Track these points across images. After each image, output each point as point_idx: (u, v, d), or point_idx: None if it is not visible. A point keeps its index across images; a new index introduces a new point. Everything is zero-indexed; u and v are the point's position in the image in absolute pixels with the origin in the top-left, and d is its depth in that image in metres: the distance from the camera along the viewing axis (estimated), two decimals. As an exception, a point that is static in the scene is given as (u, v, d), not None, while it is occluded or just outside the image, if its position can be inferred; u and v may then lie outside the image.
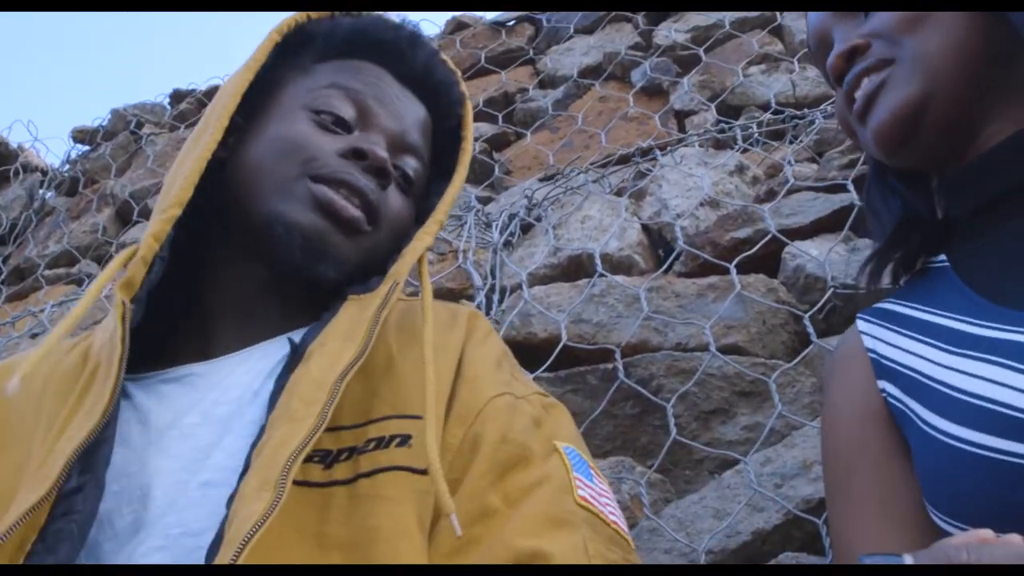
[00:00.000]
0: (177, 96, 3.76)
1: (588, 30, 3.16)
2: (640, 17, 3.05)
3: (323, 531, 0.79)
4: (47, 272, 3.21)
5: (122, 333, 0.86)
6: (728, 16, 2.86)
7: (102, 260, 3.20)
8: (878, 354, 0.95)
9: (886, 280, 1.08)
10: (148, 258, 0.91)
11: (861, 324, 1.01)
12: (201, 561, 0.74)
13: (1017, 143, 0.90)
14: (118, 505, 0.82)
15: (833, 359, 1.06)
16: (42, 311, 2.26)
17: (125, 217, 3.31)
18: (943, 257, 0.99)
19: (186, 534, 0.79)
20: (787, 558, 1.23)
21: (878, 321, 0.99)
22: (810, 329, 1.48)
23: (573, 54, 3.06)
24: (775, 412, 1.38)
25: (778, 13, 2.78)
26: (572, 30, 3.15)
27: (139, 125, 3.70)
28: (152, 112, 3.74)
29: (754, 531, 1.27)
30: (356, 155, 0.97)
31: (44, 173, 3.89)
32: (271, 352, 0.96)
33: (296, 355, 0.90)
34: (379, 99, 1.04)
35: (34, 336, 2.31)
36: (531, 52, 3.22)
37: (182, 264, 0.98)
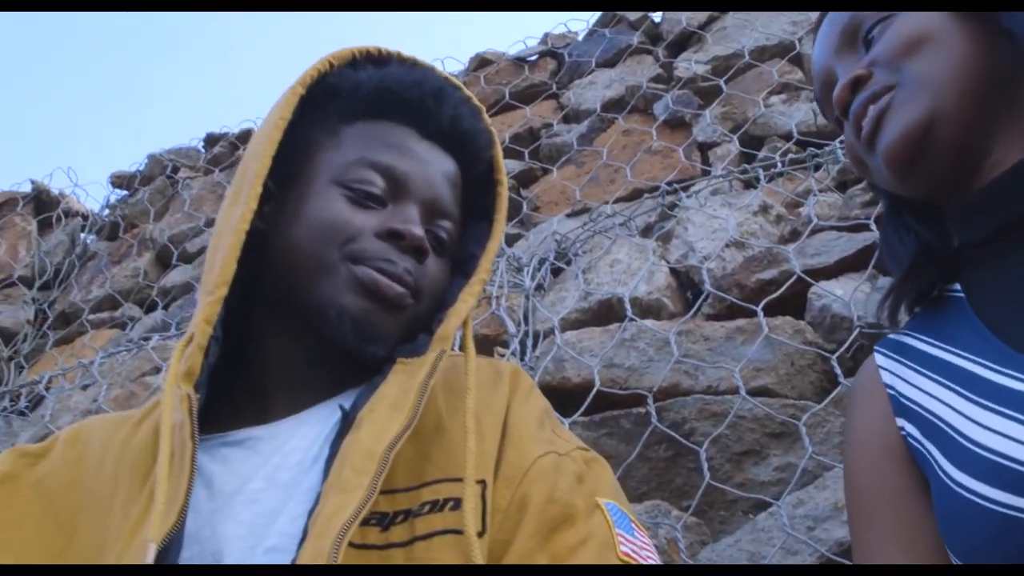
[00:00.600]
0: (211, 140, 3.85)
1: (610, 63, 3.20)
2: (660, 49, 3.09)
3: None
4: (91, 316, 3.30)
5: (191, 429, 0.89)
6: (747, 45, 2.89)
7: (144, 303, 3.28)
8: (896, 391, 0.96)
9: (904, 315, 1.10)
10: (204, 344, 0.94)
11: (879, 358, 1.02)
12: None
13: (1020, 172, 0.90)
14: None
15: (852, 393, 1.07)
16: (92, 363, 2.33)
17: (165, 261, 3.40)
18: (958, 286, 0.99)
19: None
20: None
21: (896, 356, 0.99)
22: (838, 370, 1.51)
23: (596, 87, 3.10)
24: (806, 454, 1.42)
25: (797, 41, 2.81)
26: (594, 64, 3.19)
27: (175, 170, 3.79)
28: (187, 156, 3.83)
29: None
30: (393, 236, 1.00)
31: (85, 218, 3.99)
32: (325, 416, 0.99)
33: (347, 421, 0.94)
34: (409, 168, 1.05)
35: (85, 388, 2.38)
36: (554, 86, 3.26)
37: (231, 332, 1.00)
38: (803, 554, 1.32)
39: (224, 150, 3.73)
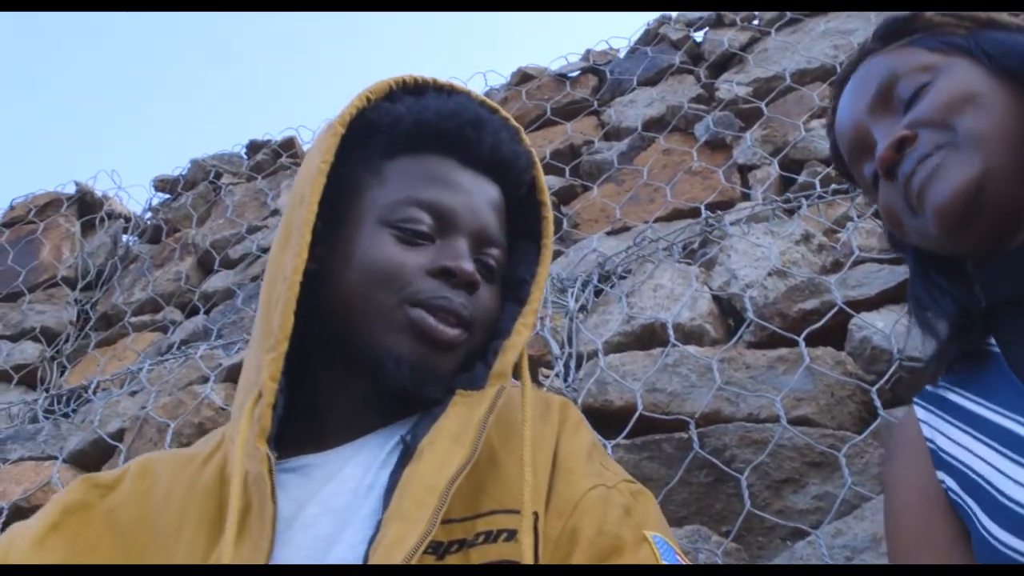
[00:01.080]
0: (253, 147, 3.91)
1: (651, 82, 3.23)
2: (702, 70, 3.12)
3: None
4: (133, 319, 3.37)
5: (272, 489, 0.92)
6: (788, 68, 2.92)
7: (185, 307, 3.34)
8: (936, 445, 0.99)
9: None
10: (272, 401, 0.97)
11: (919, 411, 1.04)
12: None
13: None
14: None
15: (893, 442, 1.10)
16: (140, 369, 2.39)
17: (207, 266, 3.46)
18: (992, 340, 1.01)
19: None
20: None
21: (936, 411, 1.02)
22: (877, 402, 1.54)
23: (636, 106, 3.14)
24: (845, 485, 1.45)
25: (838, 65, 2.83)
26: (635, 82, 3.23)
27: (217, 175, 3.86)
28: (230, 162, 3.90)
29: (829, 606, 1.34)
30: (445, 274, 1.02)
31: (127, 220, 4.07)
32: (379, 445, 1.03)
33: (407, 451, 0.97)
34: (454, 202, 1.06)
35: (133, 394, 2.44)
36: (595, 103, 3.30)
37: (287, 371, 1.02)
38: (840, 584, 1.35)
39: (267, 157, 3.79)
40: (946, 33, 1.02)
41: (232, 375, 2.25)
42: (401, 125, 1.08)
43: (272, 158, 3.78)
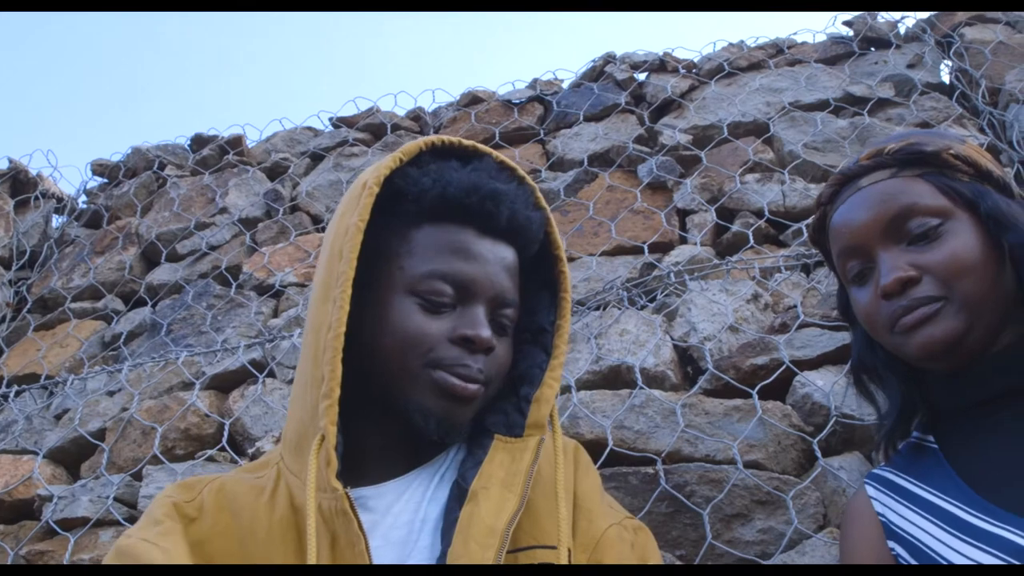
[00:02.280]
0: (198, 140, 3.95)
1: (596, 117, 3.43)
2: (645, 112, 3.35)
3: None
4: (73, 305, 3.39)
5: (359, 523, 1.04)
6: (725, 119, 3.17)
7: (128, 298, 3.38)
8: (887, 519, 1.23)
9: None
10: (335, 442, 1.08)
11: (870, 490, 1.29)
12: None
13: (1003, 358, 1.18)
14: None
15: (848, 514, 1.34)
16: (119, 370, 2.48)
17: (151, 258, 3.49)
18: (932, 438, 1.27)
19: None
20: (804, 653, 1.55)
21: (885, 491, 1.27)
22: (817, 452, 1.81)
23: (581, 139, 3.34)
24: (792, 524, 1.70)
25: (770, 122, 3.10)
26: (581, 116, 3.43)
27: (161, 166, 3.88)
28: (174, 154, 3.92)
29: (776, 628, 1.59)
30: (465, 342, 1.15)
31: (59, 201, 4.05)
32: (424, 482, 1.20)
33: (461, 492, 1.14)
34: (474, 273, 1.18)
35: (111, 394, 2.52)
36: (541, 132, 3.49)
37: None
38: (788, 610, 1.60)
39: (213, 153, 3.84)
40: (953, 177, 1.23)
41: (216, 384, 2.37)
42: (427, 197, 1.19)
43: (218, 154, 3.83)
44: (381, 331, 1.16)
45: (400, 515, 1.16)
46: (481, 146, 1.30)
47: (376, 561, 1.08)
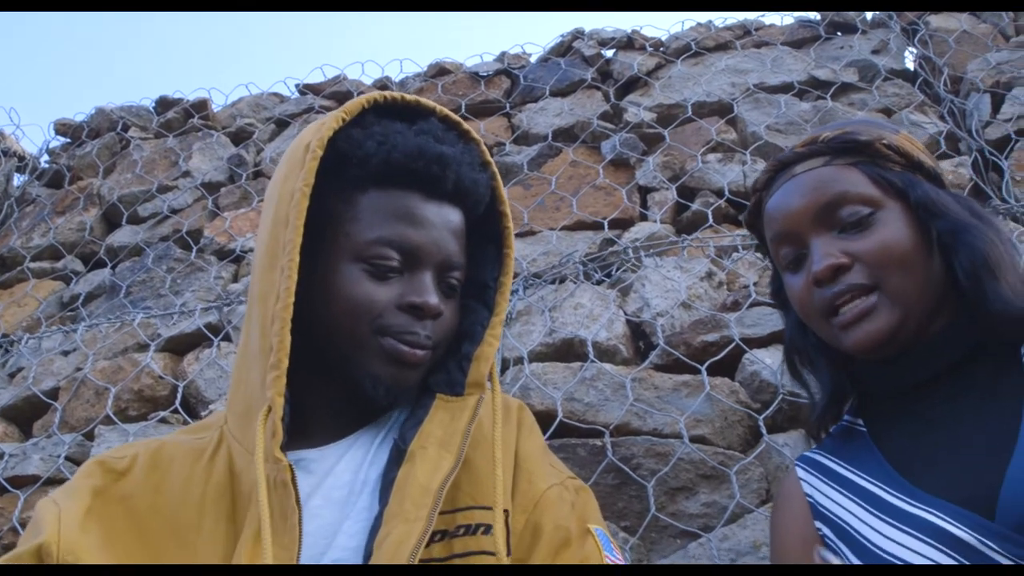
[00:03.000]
0: (163, 103, 3.91)
1: (562, 93, 3.43)
2: (611, 89, 3.36)
3: None
4: (32, 265, 3.36)
5: (296, 496, 1.04)
6: (690, 99, 3.18)
7: (88, 259, 3.36)
8: (815, 500, 1.26)
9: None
10: (282, 414, 1.07)
11: (800, 472, 1.32)
12: None
13: (932, 345, 1.21)
14: None
15: (778, 496, 1.37)
16: (75, 330, 2.47)
17: (112, 219, 3.47)
18: (861, 422, 1.30)
19: None
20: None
21: (814, 472, 1.30)
22: (763, 428, 1.84)
23: (546, 114, 3.34)
24: (735, 498, 1.73)
25: (734, 103, 3.12)
26: (547, 91, 3.43)
27: (125, 127, 3.84)
28: (138, 116, 3.89)
29: (716, 599, 1.63)
30: (413, 309, 1.15)
31: (21, 159, 4.01)
32: (366, 443, 1.20)
33: (399, 452, 1.15)
34: (420, 238, 1.17)
35: (66, 354, 2.51)
36: (507, 106, 3.49)
37: None
38: (726, 581, 1.64)
39: (177, 116, 3.81)
40: (885, 167, 1.26)
41: (171, 346, 2.37)
42: (371, 162, 1.17)
43: (183, 117, 3.80)
44: (328, 298, 1.16)
45: (341, 475, 1.16)
46: (425, 102, 1.27)
47: (316, 521, 1.09)
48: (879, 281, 1.19)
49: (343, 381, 1.18)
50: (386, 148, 1.17)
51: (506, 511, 1.15)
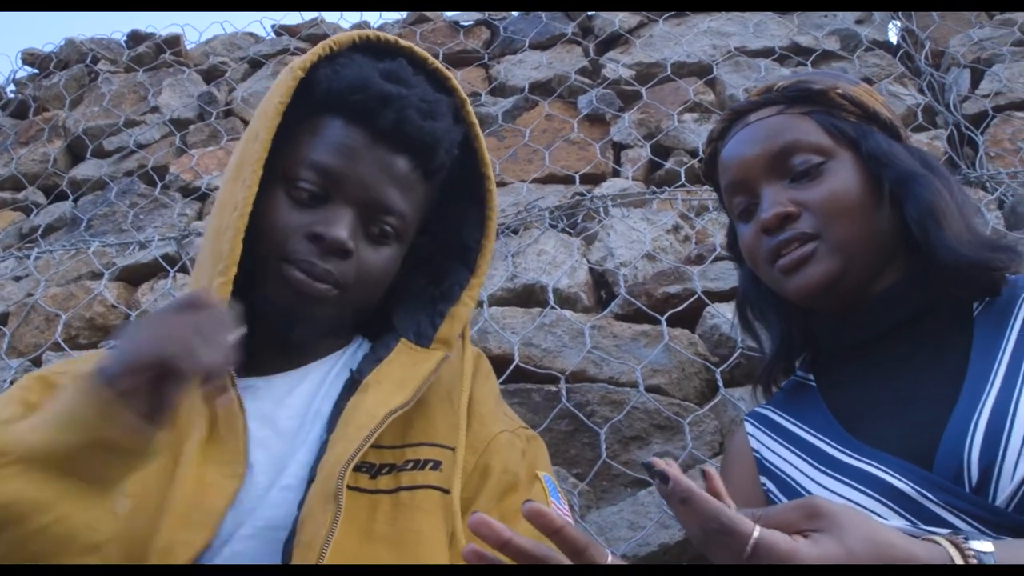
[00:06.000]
0: (135, 37, 3.84)
1: (542, 46, 3.39)
2: (591, 44, 3.32)
3: (371, 528, 1.02)
4: (-8, 194, 3.30)
5: (240, 402, 1.04)
6: (670, 58, 3.15)
7: (50, 191, 3.30)
8: (761, 456, 1.26)
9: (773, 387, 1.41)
10: None
11: (748, 427, 1.32)
12: (280, 549, 0.98)
13: (882, 299, 1.20)
14: None
15: (727, 450, 1.38)
16: (27, 256, 2.41)
17: (77, 152, 3.40)
18: (812, 377, 1.30)
19: (269, 528, 1.01)
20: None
21: (762, 428, 1.29)
22: (720, 381, 1.82)
23: (524, 67, 3.30)
24: (687, 448, 1.72)
25: (714, 64, 3.09)
26: (527, 44, 3.39)
27: (94, 60, 3.77)
28: (109, 48, 3.81)
29: (660, 544, 1.60)
30: (317, 239, 1.12)
31: (-13, 88, 3.93)
32: (321, 375, 1.19)
33: (354, 383, 1.14)
34: (345, 171, 1.14)
35: (18, 279, 2.46)
36: (486, 57, 3.44)
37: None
38: (674, 528, 1.62)
39: (149, 51, 3.74)
40: (839, 116, 1.25)
41: (126, 275, 2.33)
42: (320, 88, 1.17)
43: (155, 52, 3.73)
44: (262, 217, 1.13)
45: (292, 406, 1.15)
46: (404, 43, 1.26)
47: (265, 451, 1.08)
48: (824, 231, 1.19)
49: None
50: (336, 77, 1.17)
51: (454, 449, 1.15)
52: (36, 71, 3.91)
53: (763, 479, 1.23)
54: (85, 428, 0.84)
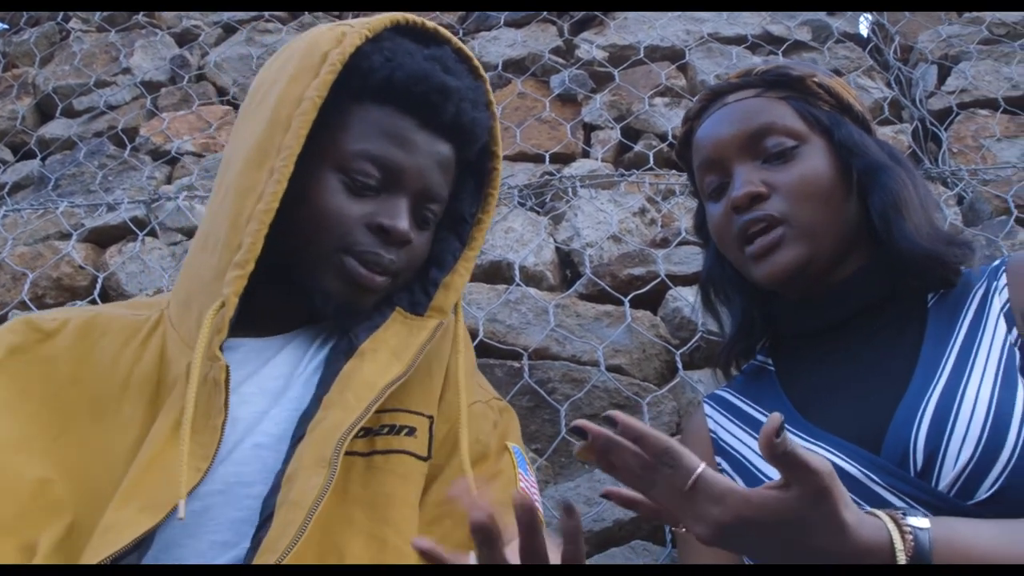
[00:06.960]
0: (108, -4, 3.79)
1: (517, 24, 3.38)
2: (566, 24, 3.33)
3: (346, 488, 1.05)
4: (-42, 149, 3.27)
5: (226, 398, 1.01)
6: (644, 41, 3.17)
7: (18, 149, 3.26)
8: (718, 436, 1.30)
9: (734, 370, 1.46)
10: (233, 313, 1.06)
11: (707, 408, 1.36)
12: (255, 505, 1.00)
13: (844, 286, 1.25)
14: None
15: (685, 431, 1.42)
16: (5, 216, 2.40)
17: (46, 111, 3.36)
18: (771, 362, 1.34)
19: (240, 484, 1.03)
20: (637, 544, 1.62)
21: (720, 409, 1.34)
22: (679, 363, 1.86)
23: (499, 44, 3.30)
24: (643, 428, 1.76)
25: (687, 50, 3.12)
26: (503, 21, 3.39)
27: (67, 18, 3.72)
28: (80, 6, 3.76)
29: (615, 520, 1.65)
30: (381, 231, 1.14)
31: (-46, 41, 3.87)
32: (307, 340, 1.21)
33: (350, 347, 1.15)
34: (405, 162, 1.16)
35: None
36: (460, 32, 3.44)
37: None
38: (628, 506, 1.66)
39: (122, 11, 3.70)
40: (815, 104, 1.28)
41: (95, 237, 2.32)
42: (374, 77, 1.15)
43: (128, 13, 3.69)
44: (301, 204, 1.14)
45: (278, 367, 1.16)
46: (444, 31, 1.27)
47: (246, 408, 1.09)
48: (791, 215, 1.22)
49: (295, 288, 1.18)
50: (391, 66, 1.16)
51: (431, 417, 1.17)
52: (7, 27, 3.86)
53: (718, 459, 1.27)
54: None
